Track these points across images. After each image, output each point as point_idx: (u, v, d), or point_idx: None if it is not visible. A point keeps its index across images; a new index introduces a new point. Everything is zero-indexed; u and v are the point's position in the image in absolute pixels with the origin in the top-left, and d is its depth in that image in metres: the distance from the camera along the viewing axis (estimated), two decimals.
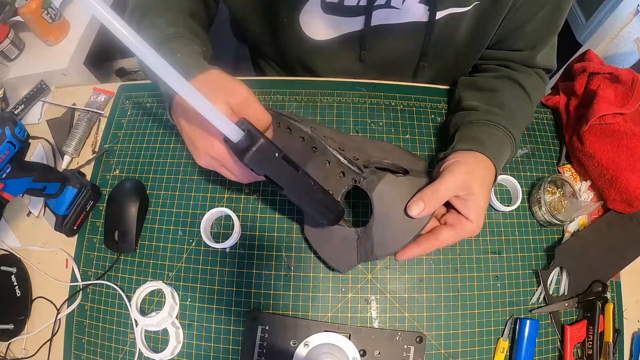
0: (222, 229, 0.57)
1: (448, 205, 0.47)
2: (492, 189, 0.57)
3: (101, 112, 0.66)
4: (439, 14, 0.52)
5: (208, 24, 0.59)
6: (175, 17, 0.49)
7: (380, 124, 0.63)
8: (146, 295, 0.54)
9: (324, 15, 0.54)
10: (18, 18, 0.74)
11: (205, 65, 0.41)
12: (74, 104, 0.68)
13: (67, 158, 0.64)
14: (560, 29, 0.55)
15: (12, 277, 0.56)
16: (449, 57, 0.60)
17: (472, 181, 0.43)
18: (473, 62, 0.63)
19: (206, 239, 0.52)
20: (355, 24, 0.55)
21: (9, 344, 0.55)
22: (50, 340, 0.54)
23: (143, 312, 0.54)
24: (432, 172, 0.49)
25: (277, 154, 0.34)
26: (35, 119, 0.69)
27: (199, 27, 0.53)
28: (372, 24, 0.54)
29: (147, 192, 0.59)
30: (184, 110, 0.39)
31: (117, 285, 0.55)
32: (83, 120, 0.65)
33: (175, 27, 0.47)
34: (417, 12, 0.52)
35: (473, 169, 0.45)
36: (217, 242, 0.54)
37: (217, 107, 0.31)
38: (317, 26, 0.56)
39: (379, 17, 0.54)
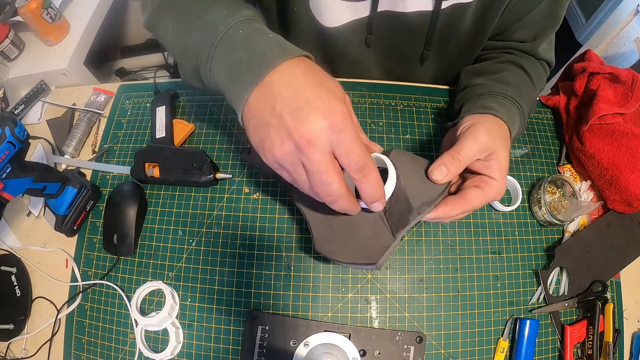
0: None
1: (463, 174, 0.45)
2: None
3: (101, 112, 0.66)
4: (445, 4, 0.52)
5: None
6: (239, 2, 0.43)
7: (380, 124, 0.63)
8: (146, 295, 0.54)
9: (334, 0, 0.54)
10: (18, 18, 0.75)
11: (298, 49, 0.35)
12: (74, 104, 0.68)
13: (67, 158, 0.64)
14: (560, 22, 0.56)
15: (12, 277, 0.56)
16: (452, 47, 0.61)
17: (492, 142, 0.42)
18: (476, 54, 0.63)
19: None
20: (363, 9, 0.55)
21: (9, 344, 0.55)
22: (50, 340, 0.54)
23: (143, 312, 0.54)
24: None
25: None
26: (35, 119, 0.69)
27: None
28: (378, 10, 0.54)
29: (147, 191, 0.59)
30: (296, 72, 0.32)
31: (117, 285, 0.55)
32: (83, 120, 0.65)
33: (249, 9, 0.40)
34: (423, 1, 0.53)
35: (492, 129, 0.43)
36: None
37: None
38: (328, 12, 0.56)
39: (386, 4, 0.54)
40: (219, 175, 0.57)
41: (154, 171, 0.57)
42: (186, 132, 0.61)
